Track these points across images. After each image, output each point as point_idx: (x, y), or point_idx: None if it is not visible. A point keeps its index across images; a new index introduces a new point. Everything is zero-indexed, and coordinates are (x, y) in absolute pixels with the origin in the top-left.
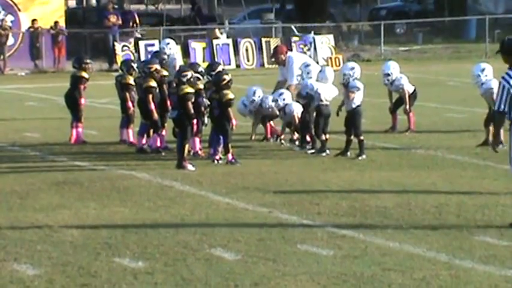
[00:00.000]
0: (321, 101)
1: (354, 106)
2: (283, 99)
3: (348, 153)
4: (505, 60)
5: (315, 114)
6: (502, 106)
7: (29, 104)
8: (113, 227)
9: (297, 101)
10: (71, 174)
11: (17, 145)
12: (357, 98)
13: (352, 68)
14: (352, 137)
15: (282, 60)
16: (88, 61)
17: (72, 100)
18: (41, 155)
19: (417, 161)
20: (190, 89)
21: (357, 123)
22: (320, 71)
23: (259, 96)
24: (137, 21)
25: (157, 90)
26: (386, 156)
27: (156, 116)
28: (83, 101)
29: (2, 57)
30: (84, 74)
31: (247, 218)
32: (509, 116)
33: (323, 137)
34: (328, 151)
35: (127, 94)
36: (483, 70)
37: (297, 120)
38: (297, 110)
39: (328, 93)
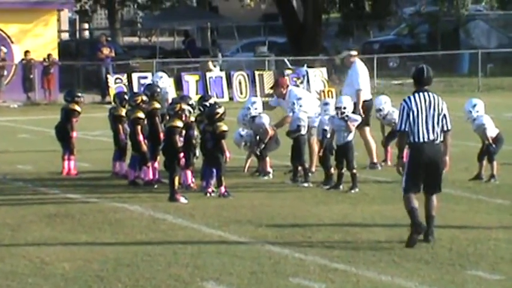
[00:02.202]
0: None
1: (349, 139)
2: (255, 109)
3: (341, 187)
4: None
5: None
6: (403, 126)
7: (22, 137)
8: (104, 260)
9: (287, 135)
10: (62, 206)
11: (9, 177)
12: (352, 132)
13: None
14: (343, 170)
15: (281, 94)
16: (80, 94)
17: (64, 133)
18: (33, 187)
19: None
20: (178, 123)
21: (350, 156)
22: (325, 104)
23: (256, 109)
24: None
25: (146, 122)
26: (379, 189)
27: (144, 147)
28: (74, 134)
29: None
30: (77, 107)
31: (239, 251)
32: (408, 138)
33: (332, 171)
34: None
35: (119, 126)
36: (474, 106)
37: (269, 133)
38: (266, 122)
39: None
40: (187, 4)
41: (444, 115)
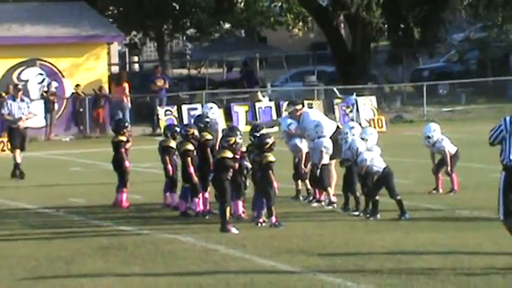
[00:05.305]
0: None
1: (382, 167)
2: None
3: (378, 215)
4: None
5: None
6: (492, 139)
7: (74, 170)
8: None
9: (341, 164)
10: (115, 238)
11: (62, 210)
12: (377, 161)
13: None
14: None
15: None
16: (126, 124)
17: (118, 165)
18: (86, 220)
19: (462, 222)
20: (228, 154)
21: (391, 183)
22: (351, 128)
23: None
24: None
25: (196, 153)
26: (431, 217)
27: (195, 179)
28: (127, 163)
29: (48, 123)
30: (122, 138)
31: (291, 281)
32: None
33: (376, 198)
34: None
35: (166, 157)
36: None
37: (303, 157)
38: (304, 147)
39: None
40: (236, 35)
41: None
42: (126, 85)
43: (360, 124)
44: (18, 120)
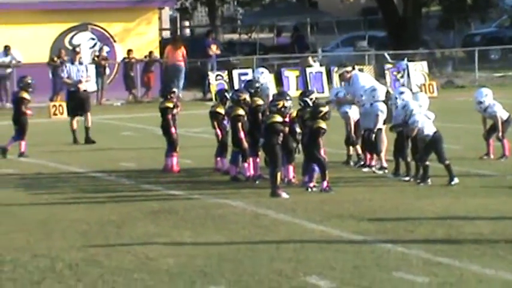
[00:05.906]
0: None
1: (432, 132)
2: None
3: (429, 180)
4: None
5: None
6: None
7: (125, 134)
8: (208, 255)
9: (391, 129)
10: (166, 203)
11: (113, 175)
12: (428, 125)
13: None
14: (427, 162)
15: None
16: (173, 90)
17: (165, 130)
18: (137, 184)
19: None
20: (278, 118)
21: (440, 148)
22: (401, 93)
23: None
24: None
25: (247, 118)
26: (481, 182)
27: (245, 144)
28: (173, 130)
29: (100, 87)
30: (169, 104)
31: (341, 246)
32: None
33: (427, 163)
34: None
35: (215, 122)
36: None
37: (352, 124)
38: (353, 115)
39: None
40: (287, 0)
41: None
42: (183, 49)
43: (411, 89)
44: (78, 82)
